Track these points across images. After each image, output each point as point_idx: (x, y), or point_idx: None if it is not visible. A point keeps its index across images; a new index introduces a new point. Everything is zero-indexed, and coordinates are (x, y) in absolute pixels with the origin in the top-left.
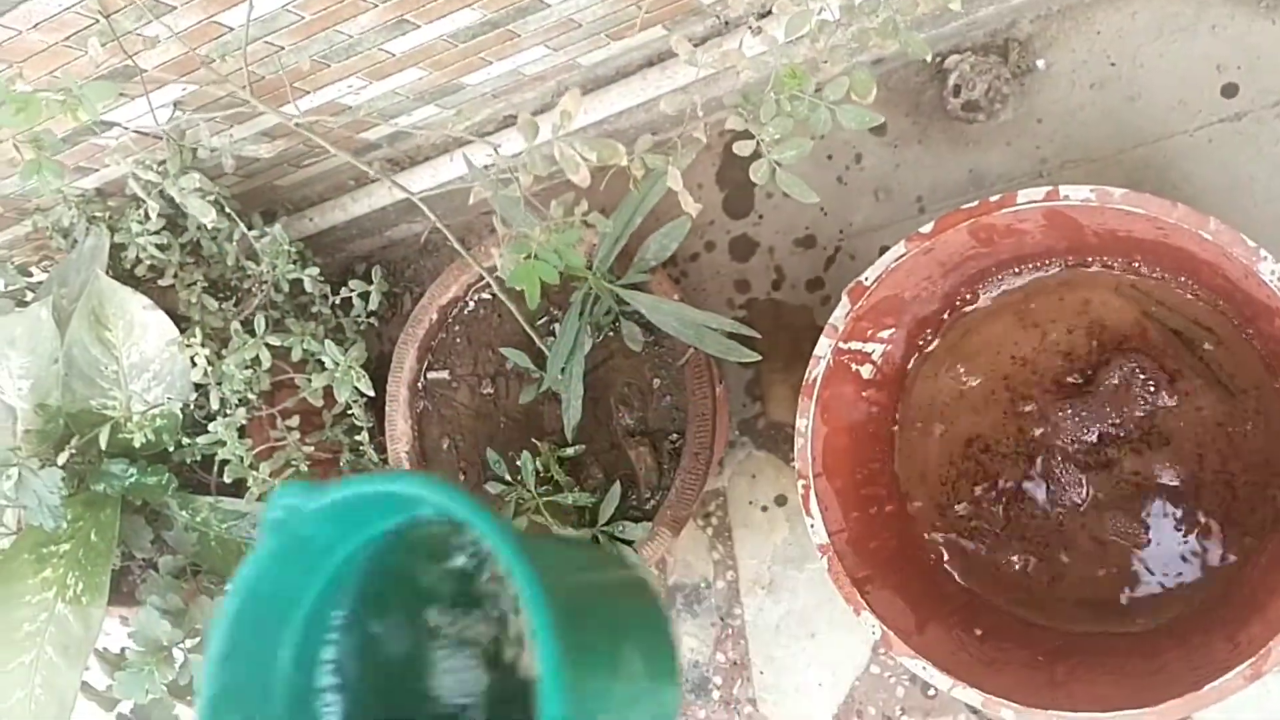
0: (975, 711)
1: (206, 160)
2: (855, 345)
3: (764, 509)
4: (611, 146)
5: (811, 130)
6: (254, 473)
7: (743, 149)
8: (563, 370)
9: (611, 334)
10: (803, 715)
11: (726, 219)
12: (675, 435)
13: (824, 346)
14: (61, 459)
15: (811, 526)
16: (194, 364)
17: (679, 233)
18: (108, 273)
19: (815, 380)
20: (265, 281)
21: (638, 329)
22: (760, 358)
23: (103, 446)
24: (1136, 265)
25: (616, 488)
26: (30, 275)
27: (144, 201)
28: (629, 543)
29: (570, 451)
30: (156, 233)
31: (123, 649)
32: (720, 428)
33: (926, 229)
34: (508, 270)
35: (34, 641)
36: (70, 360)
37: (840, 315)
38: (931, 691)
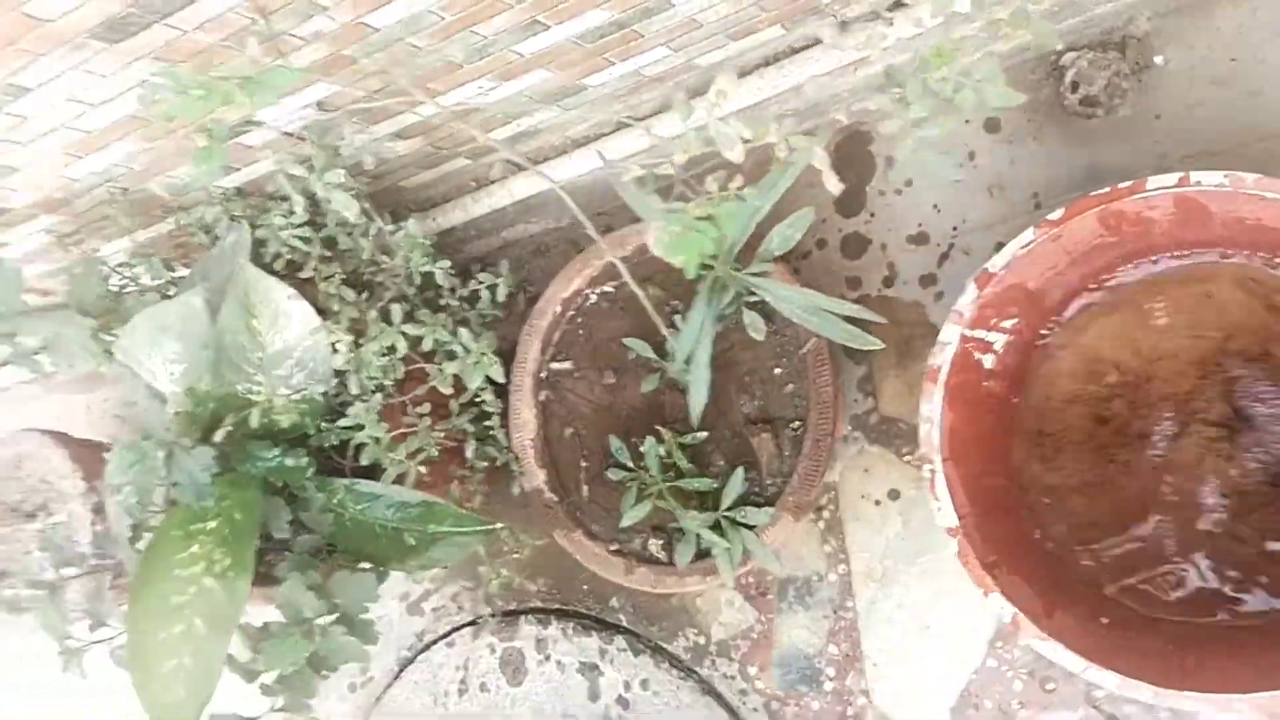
0: (1095, 706)
1: (345, 160)
2: (979, 333)
3: (877, 503)
4: (763, 124)
5: (958, 108)
6: (391, 455)
7: (888, 128)
8: (689, 358)
9: (733, 325)
10: (917, 707)
11: (838, 217)
12: (797, 422)
13: (950, 333)
14: (215, 438)
15: (939, 509)
16: (336, 351)
17: (802, 224)
18: None
19: (941, 366)
20: (398, 275)
21: (759, 318)
22: (883, 345)
23: (253, 427)
24: (1262, 257)
25: (740, 473)
26: (172, 270)
27: (288, 198)
28: (751, 527)
29: (694, 438)
30: (300, 226)
31: (265, 623)
32: (839, 417)
33: (1056, 215)
34: (661, 246)
35: (183, 614)
36: (220, 346)
37: (966, 302)
38: (1051, 685)
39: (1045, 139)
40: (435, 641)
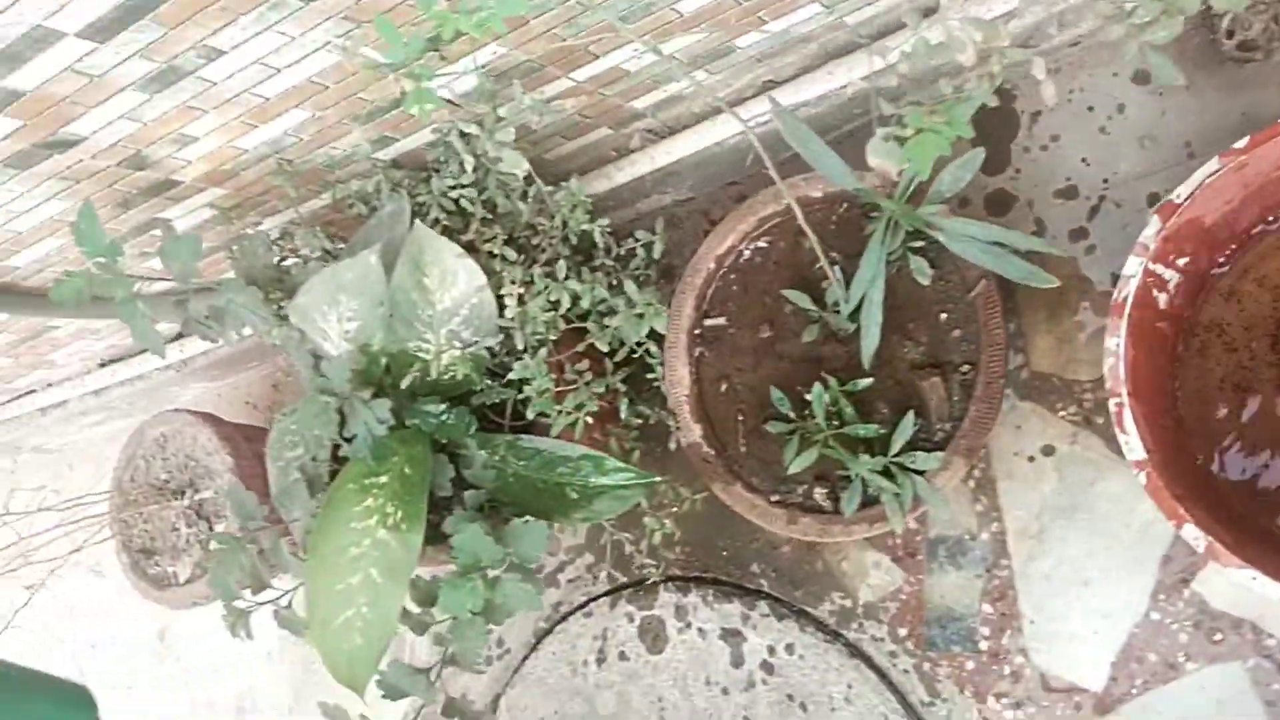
0: (1267, 655)
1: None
2: (1159, 269)
3: (1030, 459)
4: (994, 28)
5: (1182, 8)
6: (557, 407)
7: (1111, 33)
8: (860, 302)
9: (894, 273)
10: (1077, 663)
11: (981, 175)
12: (966, 366)
13: (1133, 265)
14: (391, 392)
15: (1127, 444)
16: (504, 306)
17: (973, 164)
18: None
19: (1125, 299)
20: (554, 237)
21: (925, 263)
22: (1059, 283)
23: (422, 383)
24: None
25: (910, 417)
26: (331, 242)
27: (447, 162)
28: (920, 473)
29: (863, 384)
30: (467, 186)
31: (433, 576)
32: (1008, 361)
33: (1241, 144)
34: (883, 155)
35: (359, 564)
36: (394, 304)
37: (1150, 234)
38: (1218, 636)
39: (1197, 88)
40: (572, 612)
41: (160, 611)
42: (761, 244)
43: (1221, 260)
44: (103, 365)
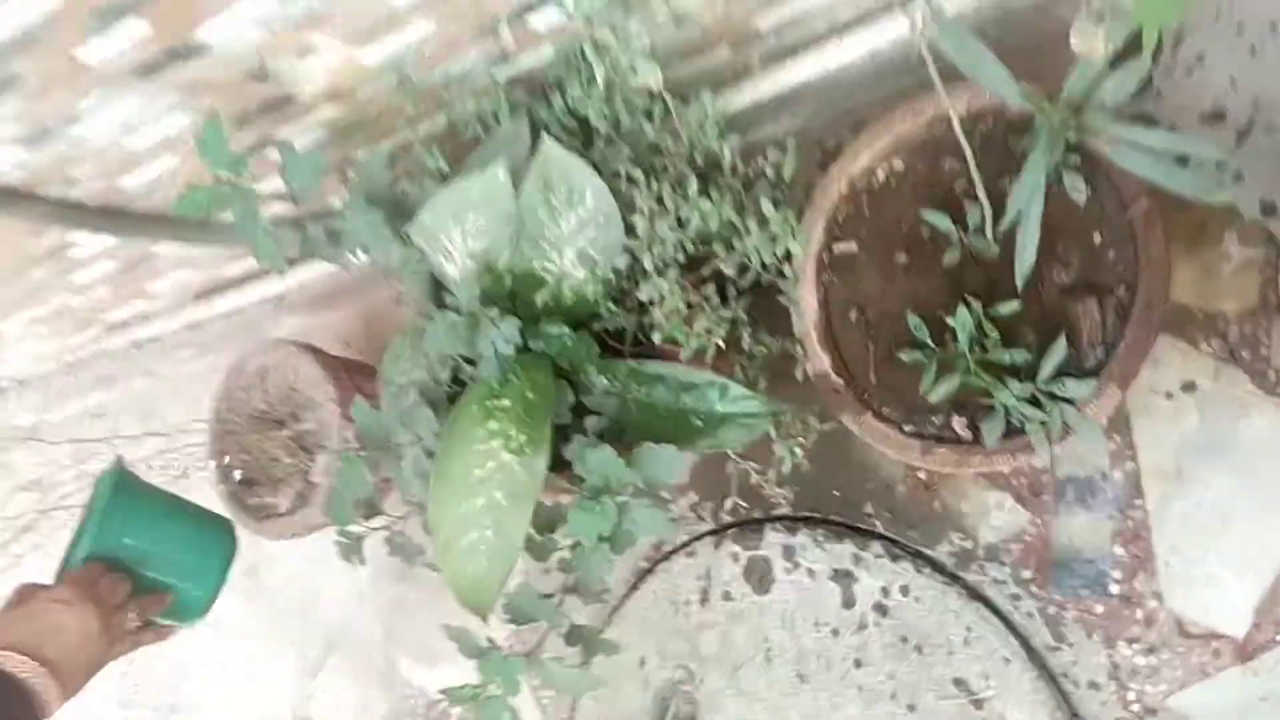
0: None
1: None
2: None
3: (1169, 395)
4: None
5: None
6: (687, 329)
7: None
8: (1016, 217)
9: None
10: (1216, 608)
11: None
12: (1123, 288)
13: None
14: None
15: None
16: (630, 225)
17: (1139, 71)
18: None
19: None
20: (679, 156)
21: (1080, 179)
22: (1232, 199)
23: (548, 304)
24: None
25: (1062, 341)
26: (448, 164)
27: (577, 75)
28: (1070, 401)
29: (1009, 307)
30: (598, 102)
31: (555, 503)
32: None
33: None
34: (1088, 37)
35: (484, 487)
36: (520, 222)
37: None
38: None
39: None
40: (674, 551)
41: (249, 549)
42: (897, 165)
43: None
44: (199, 298)
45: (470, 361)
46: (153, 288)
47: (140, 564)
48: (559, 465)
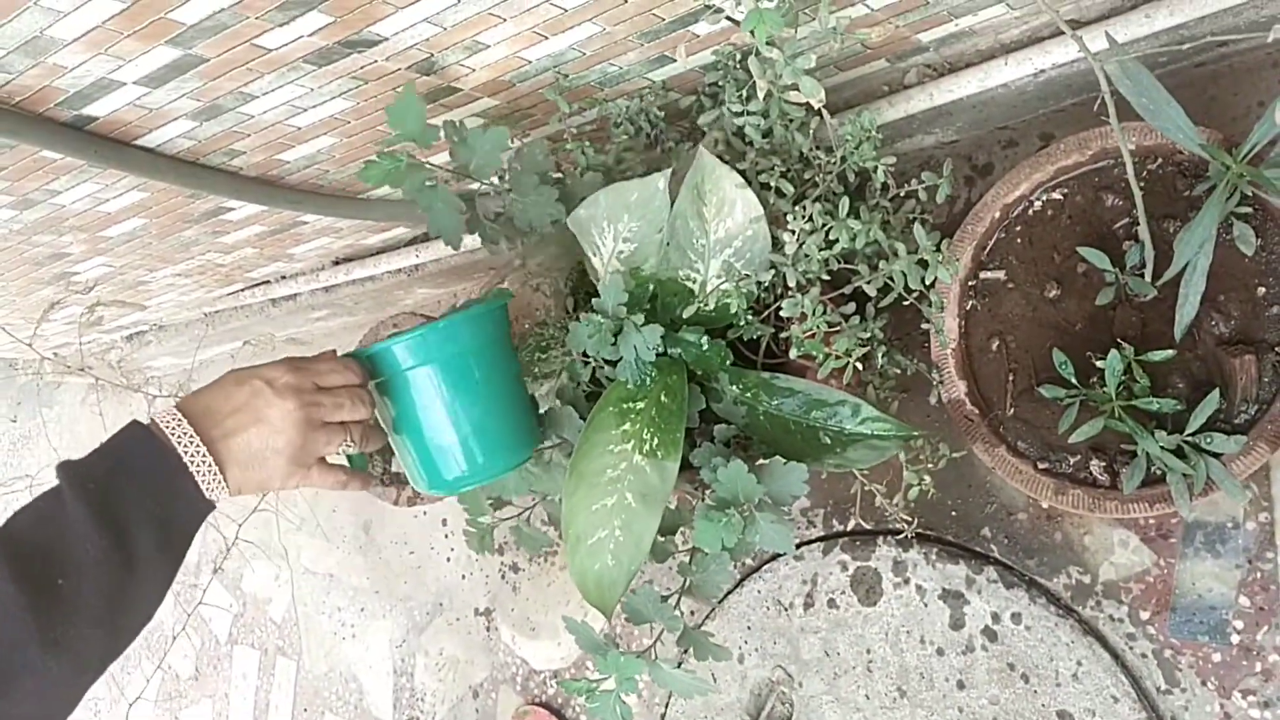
0: None
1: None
2: None
3: None
4: None
5: None
6: (825, 349)
7: None
8: (1185, 266)
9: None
10: None
11: None
12: None
13: None
14: (664, 321)
15: None
16: (783, 240)
17: None
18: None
19: None
20: (828, 173)
21: (1251, 231)
22: None
23: (697, 308)
24: None
25: (1215, 395)
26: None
27: (735, 85)
28: (1216, 455)
29: (1162, 355)
30: (755, 114)
31: (677, 505)
32: None
33: None
34: None
35: (615, 487)
36: (672, 230)
37: None
38: None
39: None
40: (780, 555)
41: (366, 506)
42: (1055, 196)
43: None
44: (336, 263)
45: (611, 363)
46: (295, 251)
47: (408, 414)
48: (684, 469)
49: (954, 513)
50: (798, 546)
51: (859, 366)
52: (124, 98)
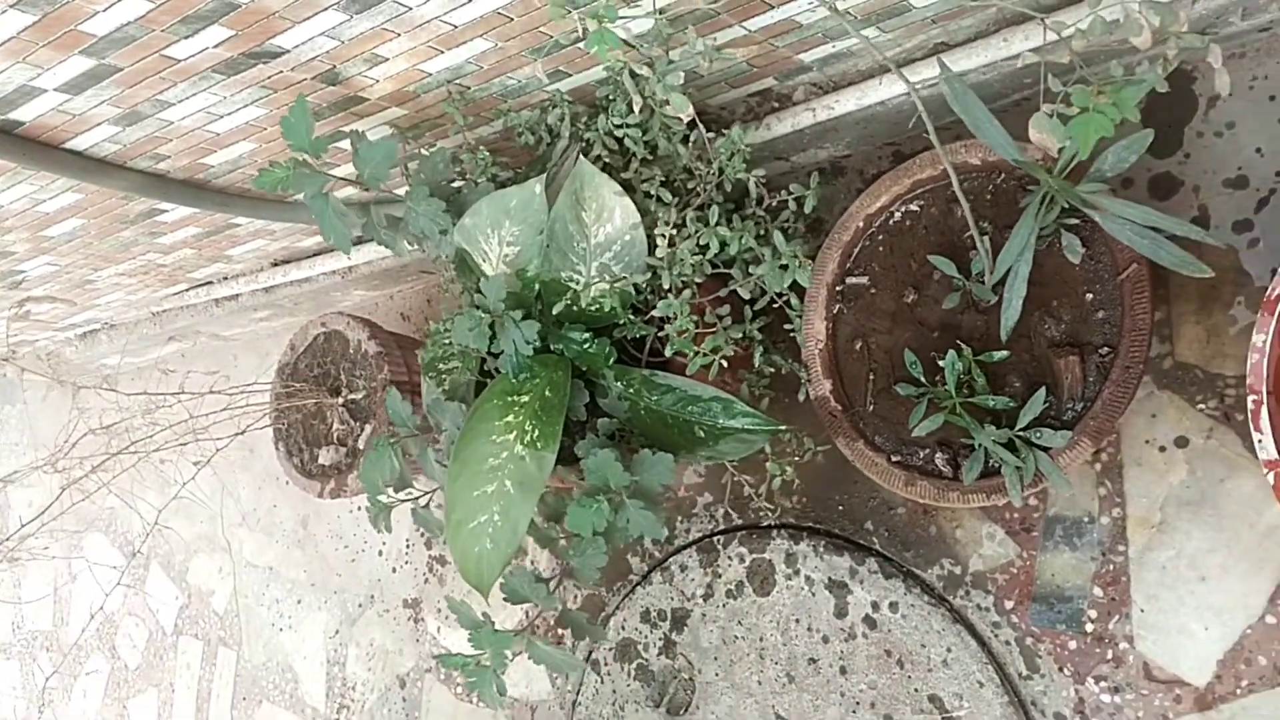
0: None
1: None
2: None
3: (1162, 449)
4: (1171, 12)
5: None
6: (695, 348)
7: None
8: (1006, 274)
9: (1044, 249)
10: (1183, 656)
11: (1149, 157)
12: (1106, 349)
13: None
14: (543, 317)
15: (1260, 442)
16: (655, 245)
17: (1139, 145)
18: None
19: (1278, 296)
20: (708, 183)
21: (1077, 241)
22: (1212, 273)
23: (570, 311)
24: None
25: (1041, 393)
26: (497, 168)
27: (616, 100)
28: (1045, 449)
29: (996, 356)
30: (632, 126)
31: (557, 494)
32: (1150, 348)
33: None
34: (1047, 130)
35: (496, 475)
36: (552, 233)
37: None
38: None
39: None
40: (686, 546)
41: (303, 502)
42: (913, 207)
43: None
44: (274, 265)
45: (496, 356)
46: (233, 253)
47: None
48: (571, 459)
49: (841, 507)
50: (701, 539)
51: (724, 364)
52: (47, 103)
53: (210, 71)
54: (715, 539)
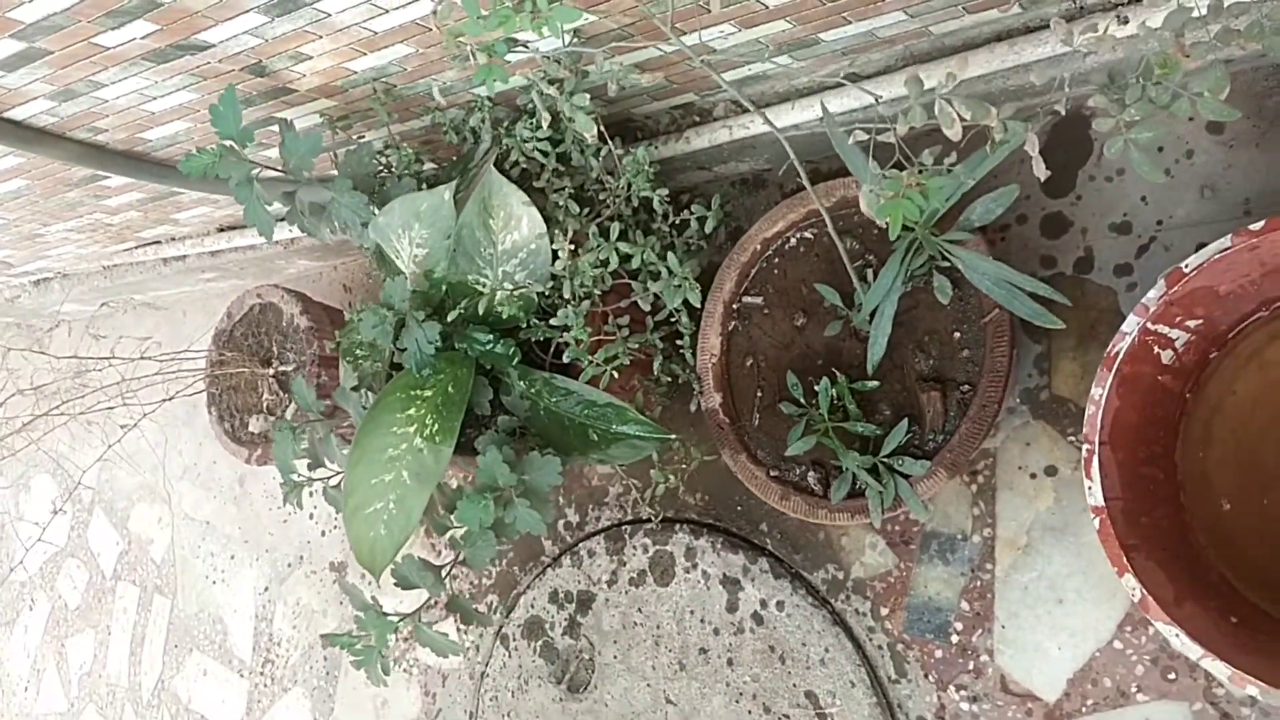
0: (1213, 703)
1: (590, 84)
2: (1162, 329)
3: (1032, 476)
4: (984, 108)
5: (1172, 115)
6: (590, 357)
7: (1102, 125)
8: (875, 310)
9: (920, 286)
10: (1037, 672)
11: (1043, 196)
12: (966, 386)
13: (1131, 323)
14: (446, 318)
15: (1089, 489)
16: (556, 256)
17: (1006, 199)
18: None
19: (1118, 354)
20: (618, 197)
21: (948, 283)
22: (1063, 325)
23: (477, 313)
24: None
25: (904, 424)
26: (420, 163)
27: (535, 113)
28: (906, 476)
29: (868, 385)
30: (542, 140)
31: (457, 486)
32: (1008, 388)
33: (1257, 226)
34: (870, 205)
35: (394, 465)
36: (459, 238)
37: (1154, 297)
38: (1171, 675)
39: (1268, 147)
40: (596, 533)
41: (241, 462)
42: (808, 235)
43: (1236, 332)
44: (220, 230)
45: (404, 351)
46: (179, 217)
47: None
48: (474, 451)
49: (739, 507)
50: (610, 527)
51: (614, 375)
52: None
53: (140, 59)
54: (623, 528)
